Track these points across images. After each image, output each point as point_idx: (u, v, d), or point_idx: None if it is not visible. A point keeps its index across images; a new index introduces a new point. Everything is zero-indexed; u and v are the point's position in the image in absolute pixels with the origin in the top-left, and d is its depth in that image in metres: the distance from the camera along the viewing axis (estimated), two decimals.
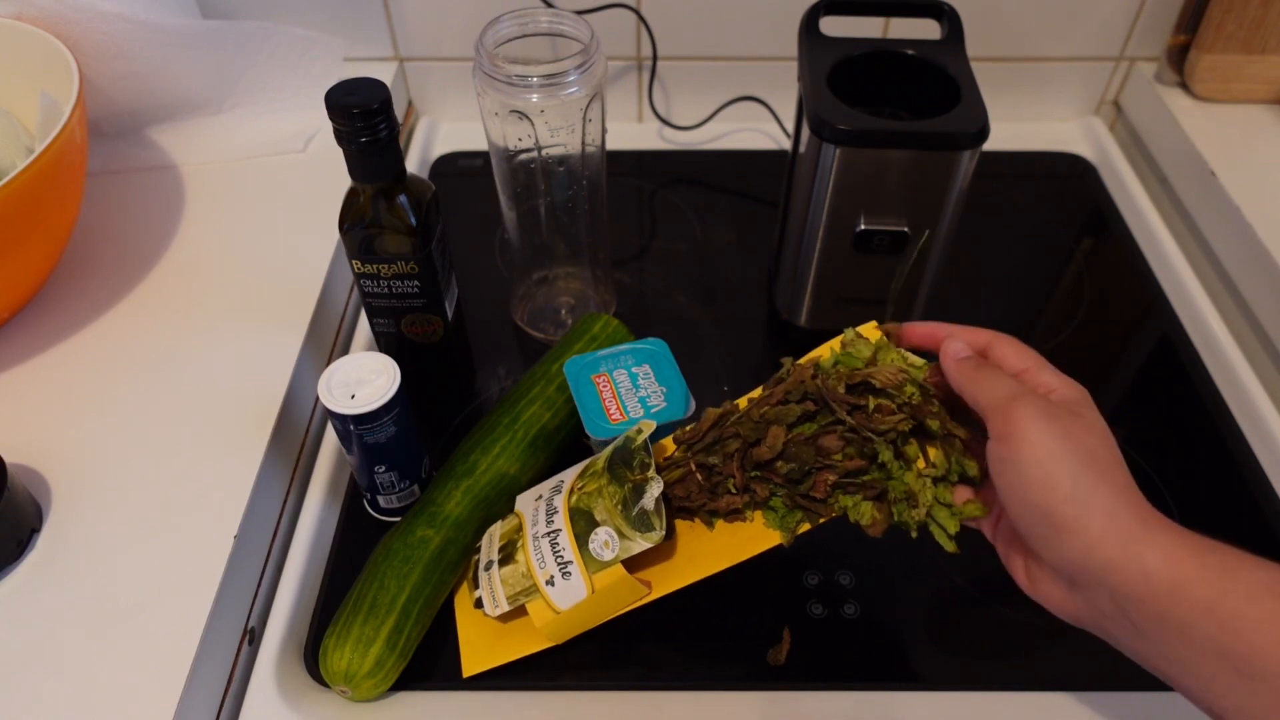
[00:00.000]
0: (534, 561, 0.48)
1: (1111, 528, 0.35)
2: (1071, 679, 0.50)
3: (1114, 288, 0.74)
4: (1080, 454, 0.37)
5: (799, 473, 0.45)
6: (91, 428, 0.57)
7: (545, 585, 0.47)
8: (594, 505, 0.48)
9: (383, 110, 0.50)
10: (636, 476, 0.47)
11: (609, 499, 0.47)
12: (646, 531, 0.46)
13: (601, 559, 0.46)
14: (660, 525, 0.46)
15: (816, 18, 0.62)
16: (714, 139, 0.89)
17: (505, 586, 0.48)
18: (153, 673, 0.46)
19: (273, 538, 0.57)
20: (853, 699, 0.49)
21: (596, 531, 0.47)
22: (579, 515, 0.48)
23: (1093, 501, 0.36)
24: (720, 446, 0.48)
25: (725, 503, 0.48)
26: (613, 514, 0.47)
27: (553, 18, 0.57)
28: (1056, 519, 0.36)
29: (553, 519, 0.49)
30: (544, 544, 0.48)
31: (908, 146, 0.56)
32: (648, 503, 0.46)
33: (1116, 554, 0.35)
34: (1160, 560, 0.34)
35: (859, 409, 0.44)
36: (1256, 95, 0.82)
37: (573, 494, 0.49)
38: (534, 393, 0.57)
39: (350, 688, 0.47)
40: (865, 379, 0.44)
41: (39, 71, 0.64)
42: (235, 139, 0.79)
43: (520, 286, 0.70)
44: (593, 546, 0.47)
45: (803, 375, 0.46)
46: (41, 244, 0.61)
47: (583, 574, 0.46)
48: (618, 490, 0.47)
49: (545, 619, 0.48)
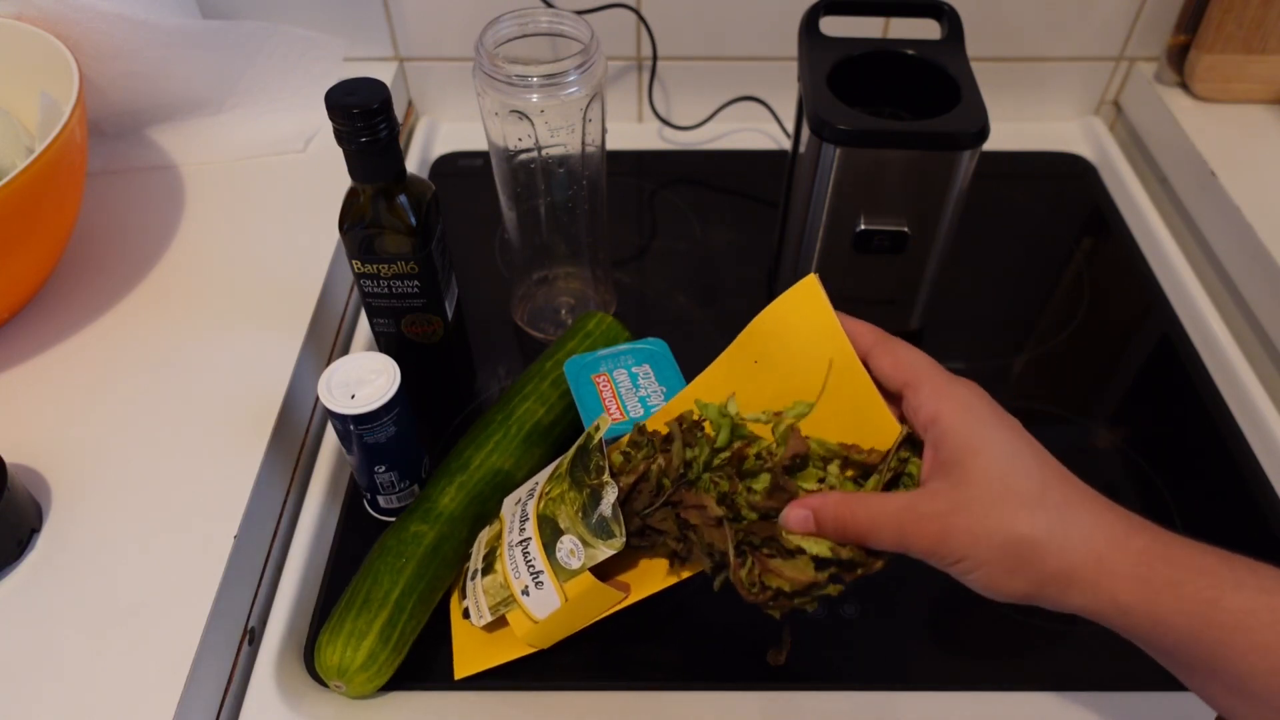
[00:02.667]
0: (509, 571, 0.47)
1: (1079, 570, 0.34)
2: (1072, 679, 0.50)
3: (1114, 288, 0.74)
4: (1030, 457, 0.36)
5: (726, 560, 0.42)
6: (91, 428, 0.57)
7: (521, 595, 0.47)
8: (558, 512, 0.46)
9: (383, 110, 0.50)
10: (593, 481, 0.45)
11: (570, 505, 0.46)
12: (608, 539, 0.44)
13: (570, 568, 0.45)
14: (620, 532, 0.43)
15: (816, 18, 0.62)
16: (714, 139, 0.89)
17: (487, 597, 0.48)
18: (153, 673, 0.46)
19: (273, 538, 0.57)
20: (853, 699, 0.49)
21: (562, 540, 0.45)
22: (545, 523, 0.47)
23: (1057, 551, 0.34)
24: (650, 534, 0.45)
25: (664, 549, 0.45)
26: (574, 522, 0.45)
27: (553, 18, 0.57)
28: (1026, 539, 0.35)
29: (524, 526, 0.48)
30: (517, 553, 0.47)
31: (908, 146, 0.56)
32: (605, 509, 0.44)
33: (1088, 601, 0.34)
34: (1134, 600, 0.33)
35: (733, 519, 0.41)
36: (1256, 95, 0.82)
37: (540, 499, 0.48)
38: (528, 389, 0.58)
39: (344, 682, 0.47)
40: (776, 581, 0.40)
41: (39, 71, 0.64)
42: (235, 139, 0.79)
43: (520, 286, 0.70)
44: (560, 555, 0.45)
45: (712, 511, 0.42)
46: (41, 244, 0.61)
47: (554, 583, 0.45)
48: (577, 496, 0.46)
49: (525, 628, 0.47)
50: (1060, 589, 0.35)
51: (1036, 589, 0.35)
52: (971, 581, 0.36)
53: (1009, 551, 0.35)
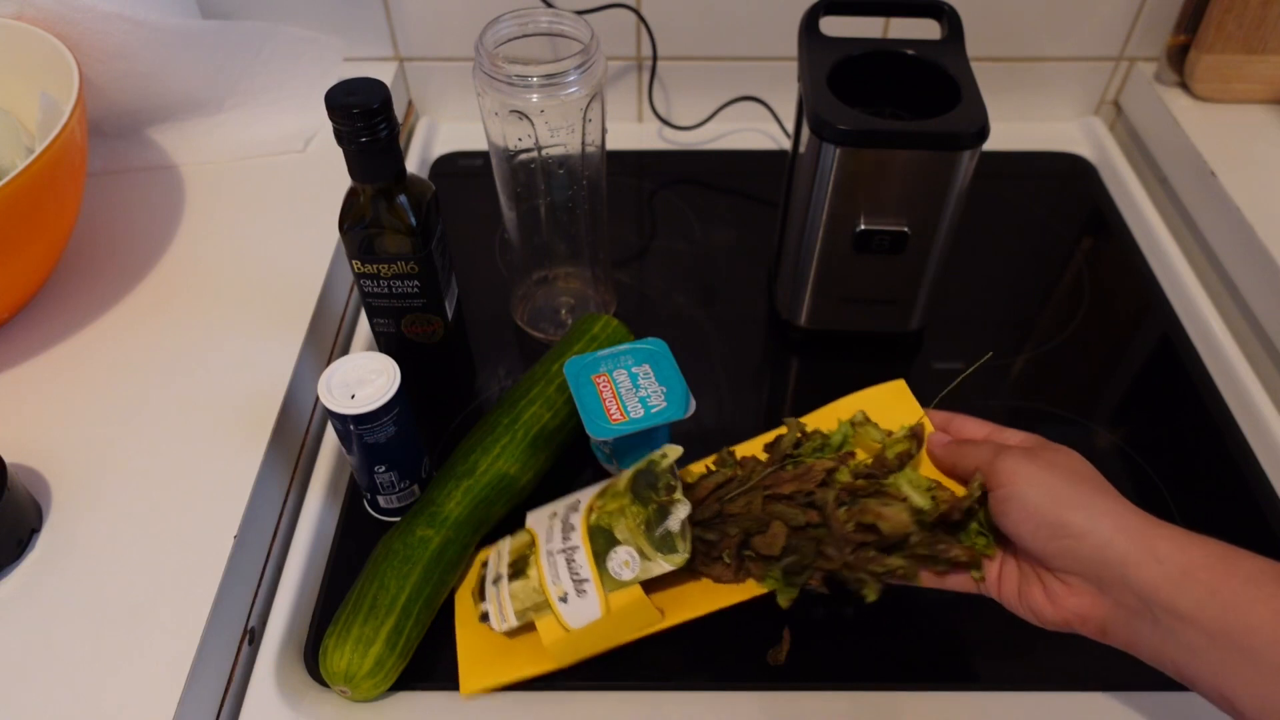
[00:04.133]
0: (547, 577, 0.47)
1: (1120, 525, 0.39)
2: (1071, 679, 0.50)
3: (1114, 288, 0.74)
4: (1070, 475, 0.41)
5: (798, 565, 0.45)
6: (91, 428, 0.57)
7: (558, 601, 0.47)
8: (615, 524, 0.47)
9: (383, 110, 0.50)
10: (662, 498, 0.47)
11: (631, 519, 0.47)
12: (670, 553, 0.45)
13: (620, 578, 0.46)
14: (684, 548, 0.45)
15: (816, 18, 0.62)
16: (714, 139, 0.89)
17: (514, 601, 0.48)
18: (153, 673, 0.46)
19: (272, 538, 0.57)
20: (853, 699, 0.49)
21: (616, 550, 0.46)
22: (598, 533, 0.47)
23: (1096, 507, 0.40)
24: (720, 524, 0.47)
25: (716, 571, 0.48)
26: (635, 533, 0.47)
27: (553, 18, 0.57)
28: (1070, 527, 0.39)
29: (569, 535, 0.48)
30: (559, 560, 0.47)
31: (908, 146, 0.56)
32: (673, 524, 0.46)
33: (1131, 547, 0.38)
34: (1169, 548, 0.37)
35: (863, 546, 0.44)
36: (1256, 95, 0.82)
37: (591, 512, 0.49)
38: (534, 393, 0.57)
39: (350, 688, 0.47)
40: (875, 519, 0.44)
41: (39, 71, 0.64)
42: (235, 139, 0.79)
43: (520, 286, 0.70)
44: (611, 565, 0.46)
45: (814, 478, 0.46)
46: (41, 244, 0.61)
47: (599, 592, 0.46)
48: (641, 511, 0.47)
49: (554, 637, 0.47)
50: (1105, 534, 0.39)
51: (1081, 517, 0.39)
52: (1014, 502, 0.42)
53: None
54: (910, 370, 0.69)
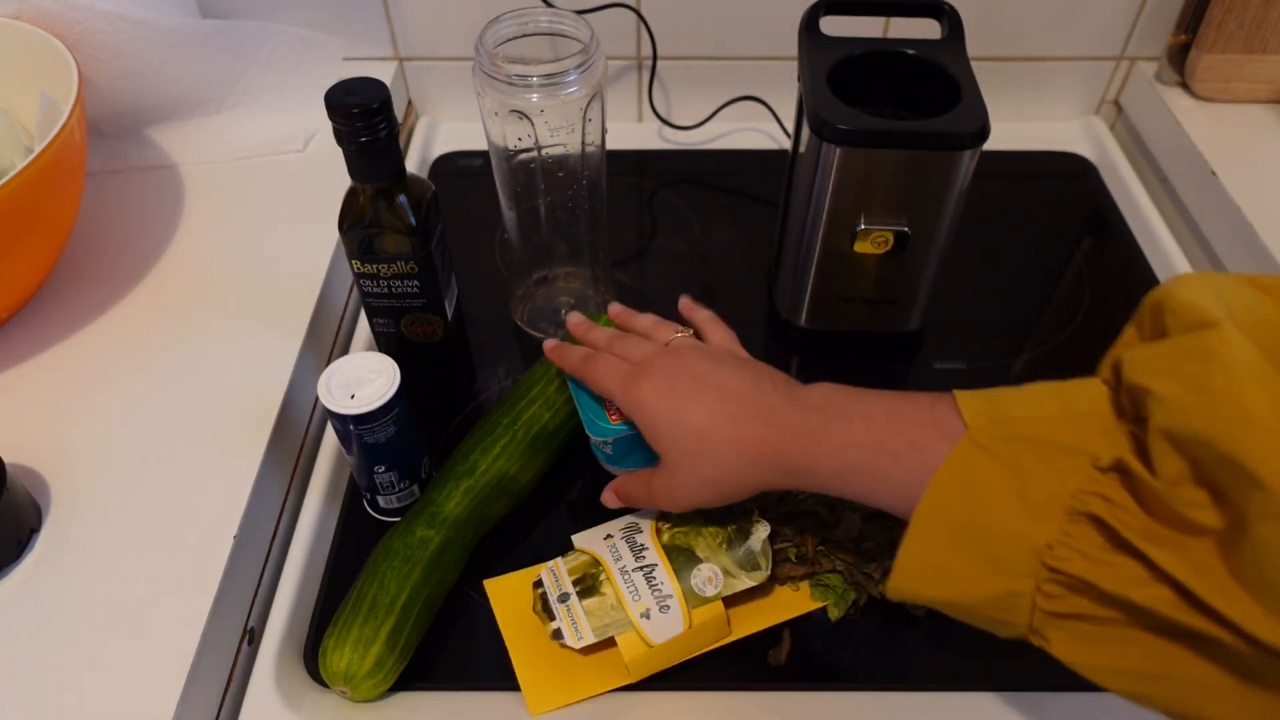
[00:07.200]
0: (625, 594, 0.48)
1: (734, 441, 0.43)
2: (1071, 679, 0.49)
3: (1114, 288, 0.74)
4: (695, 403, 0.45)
5: (873, 553, 0.48)
6: (91, 428, 0.57)
7: (640, 618, 0.48)
8: (694, 543, 0.49)
9: (383, 110, 0.50)
10: (740, 520, 0.50)
11: (710, 538, 0.49)
12: (752, 571, 0.49)
13: (703, 594, 0.48)
14: (766, 565, 0.49)
15: (816, 18, 0.62)
16: (714, 139, 0.89)
17: (591, 618, 0.48)
18: (153, 672, 0.46)
19: (272, 538, 0.57)
20: (853, 699, 0.49)
21: (699, 568, 0.49)
22: (676, 552, 0.49)
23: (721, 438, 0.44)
24: (794, 521, 0.51)
25: (785, 571, 0.51)
26: (716, 552, 0.49)
27: (553, 17, 0.57)
28: (724, 485, 0.44)
29: (643, 554, 0.49)
30: (637, 578, 0.49)
31: (908, 146, 0.56)
32: (754, 544, 0.49)
33: (760, 450, 0.43)
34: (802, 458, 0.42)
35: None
36: (1257, 95, 0.82)
37: (662, 532, 0.50)
38: (534, 393, 0.57)
39: (350, 688, 0.47)
40: None
41: (39, 71, 0.64)
42: (235, 139, 0.79)
43: (520, 286, 0.70)
44: (694, 582, 0.48)
45: None
46: (41, 244, 0.61)
47: (682, 608, 0.48)
48: (720, 531, 0.50)
49: (636, 652, 0.48)
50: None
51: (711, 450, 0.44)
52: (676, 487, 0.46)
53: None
54: (910, 370, 0.69)
